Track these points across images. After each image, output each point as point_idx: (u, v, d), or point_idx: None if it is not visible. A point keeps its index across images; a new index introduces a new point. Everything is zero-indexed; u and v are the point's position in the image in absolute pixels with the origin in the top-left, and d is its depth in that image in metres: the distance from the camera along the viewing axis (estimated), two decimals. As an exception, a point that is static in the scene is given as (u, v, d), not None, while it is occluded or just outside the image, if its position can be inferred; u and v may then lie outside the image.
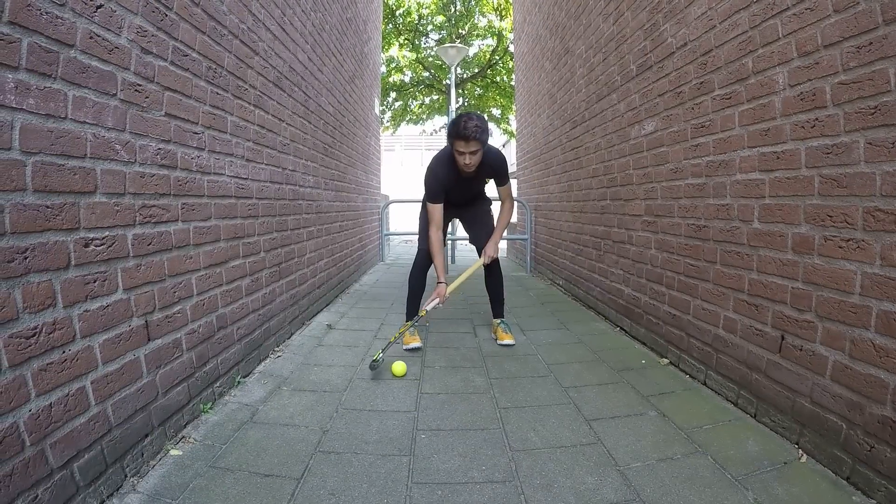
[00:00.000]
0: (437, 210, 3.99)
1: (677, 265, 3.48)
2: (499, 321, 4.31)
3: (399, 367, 3.32)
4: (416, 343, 3.93)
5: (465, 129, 3.59)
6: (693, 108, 3.26)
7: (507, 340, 4.07)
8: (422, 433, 2.54)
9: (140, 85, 2.20)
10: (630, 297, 4.31)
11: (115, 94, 2.03)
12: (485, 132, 3.65)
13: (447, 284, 4.01)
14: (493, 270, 4.37)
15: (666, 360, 3.58)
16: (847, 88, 2.07)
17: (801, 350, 2.33)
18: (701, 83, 3.16)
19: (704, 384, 3.10)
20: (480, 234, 4.35)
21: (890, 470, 1.85)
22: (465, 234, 4.61)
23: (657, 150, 3.79)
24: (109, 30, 2.00)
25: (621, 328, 4.48)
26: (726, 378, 2.89)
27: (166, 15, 2.40)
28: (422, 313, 3.89)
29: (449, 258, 8.32)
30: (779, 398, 2.47)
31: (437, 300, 3.90)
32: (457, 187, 4.03)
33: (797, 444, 2.33)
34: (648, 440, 2.44)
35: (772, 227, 2.53)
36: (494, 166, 4.01)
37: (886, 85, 1.89)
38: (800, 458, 2.24)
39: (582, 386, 3.14)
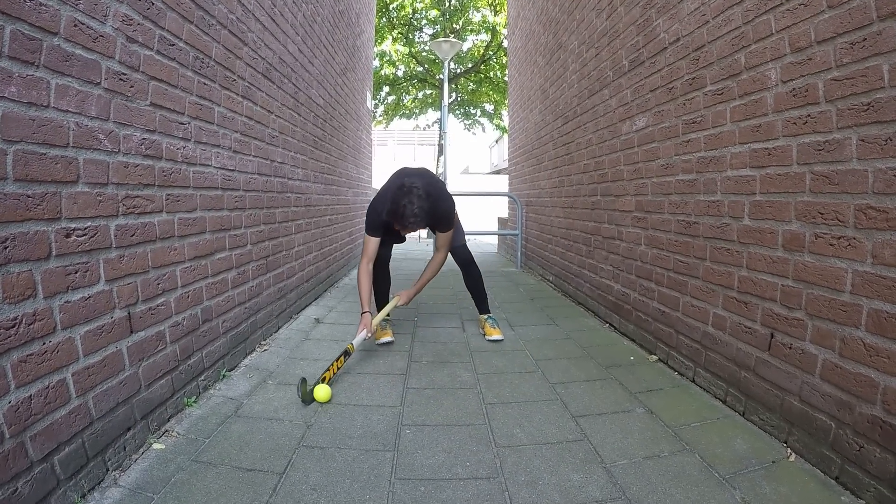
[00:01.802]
0: (371, 242, 3.72)
1: (667, 262, 3.47)
2: (486, 317, 4.23)
3: (323, 391, 2.82)
4: (388, 338, 3.93)
5: (403, 219, 3.32)
6: (685, 104, 3.25)
7: (496, 336, 4.02)
8: (406, 428, 2.53)
9: (125, 74, 2.16)
10: (619, 293, 4.30)
11: (99, 83, 2.00)
12: (427, 215, 3.38)
13: (373, 315, 3.66)
14: (469, 272, 4.29)
15: (655, 357, 3.57)
16: (840, 85, 2.06)
17: (790, 348, 2.32)
18: (693, 79, 3.15)
19: (693, 381, 3.10)
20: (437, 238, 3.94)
21: (879, 470, 1.84)
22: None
23: (648, 146, 3.78)
24: (94, 18, 1.96)
25: (610, 324, 4.48)
26: (715, 375, 2.89)
27: (153, 3, 2.36)
28: (349, 348, 3.26)
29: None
30: (768, 396, 2.46)
31: (364, 332, 3.44)
32: (394, 238, 3.91)
33: (786, 442, 2.32)
34: (635, 437, 2.43)
35: (762, 224, 2.52)
36: (437, 215, 3.65)
37: (880, 81, 1.88)
38: (788, 457, 2.23)
39: (569, 382, 3.13)
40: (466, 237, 4.38)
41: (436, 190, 3.65)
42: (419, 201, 3.29)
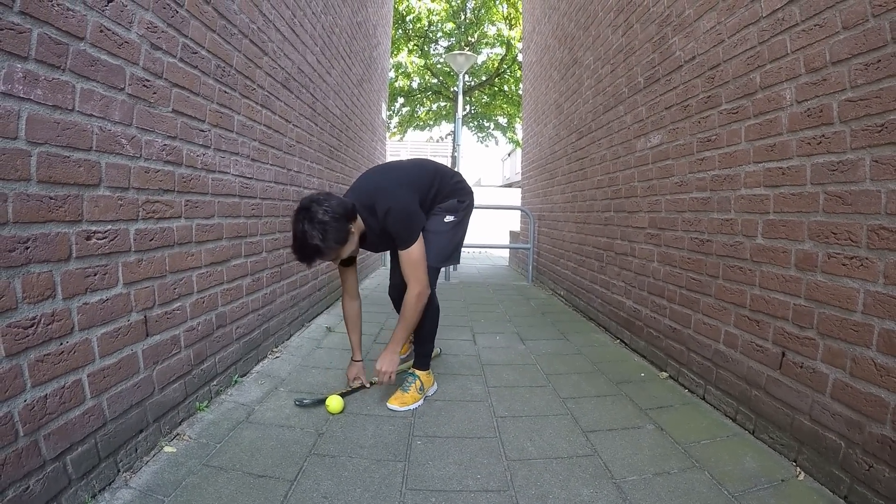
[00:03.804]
0: (344, 273, 3.08)
1: (679, 279, 3.47)
2: (412, 372, 3.10)
3: (335, 402, 2.79)
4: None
5: (300, 259, 2.63)
6: (699, 122, 3.26)
7: (394, 405, 2.89)
8: (418, 439, 2.53)
9: (148, 80, 2.20)
10: (631, 309, 4.29)
11: (122, 89, 2.04)
12: (328, 248, 2.55)
13: (362, 362, 3.15)
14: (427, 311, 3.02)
15: (665, 374, 3.56)
16: (854, 105, 2.07)
17: (801, 367, 2.32)
18: (708, 97, 3.16)
19: (703, 399, 3.09)
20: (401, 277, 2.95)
21: (888, 490, 1.83)
22: (469, 242, 4.28)
23: (662, 163, 3.79)
24: (120, 24, 2.00)
25: (621, 340, 4.47)
26: (725, 393, 2.88)
27: (177, 12, 2.40)
28: (345, 391, 2.99)
29: (451, 267, 8.32)
30: (778, 415, 2.45)
31: (359, 381, 3.08)
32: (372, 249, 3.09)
33: (795, 461, 2.31)
34: (645, 454, 2.42)
35: (775, 243, 2.52)
36: (389, 227, 2.77)
37: (894, 103, 1.88)
38: (797, 476, 2.22)
39: (580, 397, 3.13)
40: (478, 251, 4.05)
41: (369, 192, 2.81)
42: (301, 234, 2.54)
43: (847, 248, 2.09)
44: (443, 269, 2.97)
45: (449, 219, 3.02)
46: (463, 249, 3.61)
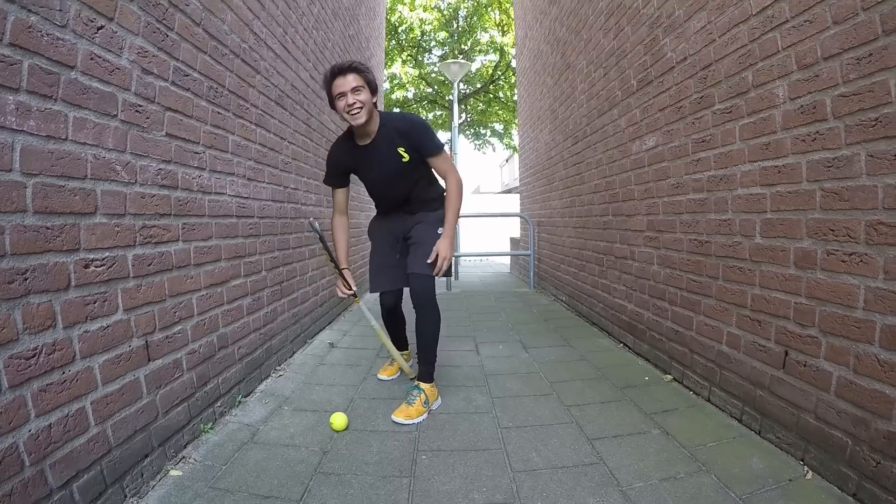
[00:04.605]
0: (337, 194, 3.28)
1: (680, 281, 3.46)
2: (416, 385, 3.14)
3: (339, 420, 2.78)
4: (389, 376, 3.64)
5: (338, 64, 2.86)
6: (694, 123, 3.26)
7: (399, 418, 2.89)
8: (423, 454, 2.52)
9: (141, 105, 2.21)
10: (633, 313, 4.29)
11: (115, 115, 2.04)
12: (368, 70, 2.89)
13: (349, 269, 3.32)
14: (424, 315, 3.15)
15: (669, 377, 3.55)
16: (847, 101, 2.07)
17: (804, 366, 2.31)
18: (701, 97, 3.16)
19: (708, 401, 3.08)
20: (413, 258, 3.16)
21: (897, 487, 1.82)
22: (469, 251, 4.34)
23: (658, 166, 3.79)
24: (110, 51, 2.01)
25: (624, 344, 4.46)
26: (730, 394, 2.87)
27: (167, 35, 2.41)
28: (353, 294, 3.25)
29: (452, 274, 8.30)
30: (783, 414, 2.44)
31: (350, 293, 3.25)
32: (365, 174, 3.24)
33: (802, 460, 2.30)
34: (651, 459, 2.41)
35: (774, 242, 2.52)
36: (402, 129, 3.01)
37: (887, 96, 1.89)
38: (805, 475, 2.21)
39: (584, 404, 3.12)
40: (479, 259, 4.23)
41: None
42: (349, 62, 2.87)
43: (846, 244, 2.08)
44: (443, 280, 3.12)
45: (441, 230, 3.15)
46: (464, 258, 3.81)
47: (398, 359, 3.47)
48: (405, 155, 3.02)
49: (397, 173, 3.09)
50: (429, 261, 3.04)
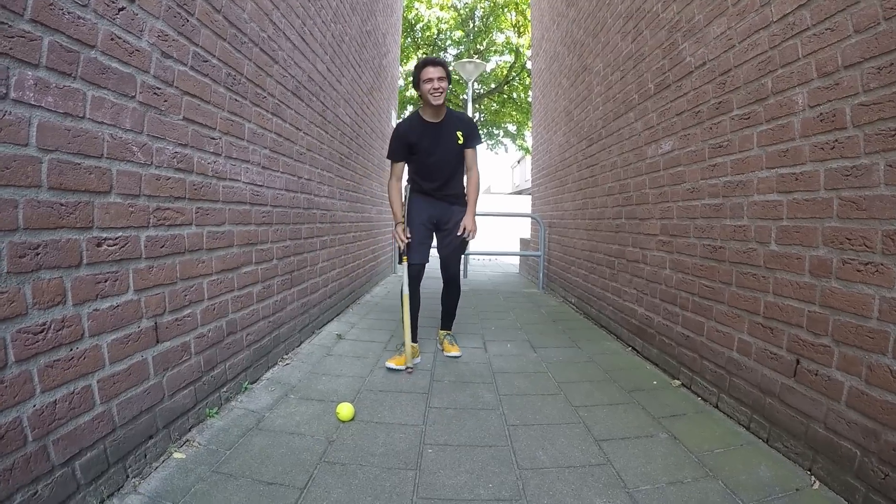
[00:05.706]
0: (396, 167, 3.98)
1: (692, 286, 3.44)
2: (445, 333, 4.39)
3: (345, 410, 2.81)
4: (398, 365, 3.73)
5: (431, 57, 3.80)
6: (711, 128, 3.24)
7: (454, 353, 4.12)
8: (429, 447, 2.52)
9: (159, 88, 2.22)
10: (643, 316, 4.26)
11: (133, 97, 2.05)
12: (449, 67, 3.83)
13: (403, 223, 3.97)
14: (450, 290, 4.28)
15: (678, 382, 3.53)
16: (867, 110, 2.05)
17: (816, 375, 2.29)
18: (719, 103, 3.14)
19: (717, 407, 3.05)
20: (448, 244, 4.11)
21: (906, 500, 1.80)
22: (479, 249, 4.52)
23: (674, 170, 3.77)
24: (131, 32, 2.02)
25: (633, 348, 4.44)
26: (739, 401, 2.84)
27: (188, 20, 2.42)
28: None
29: (462, 273, 8.30)
30: (792, 423, 2.42)
31: (408, 240, 3.90)
32: (426, 148, 3.89)
33: (810, 470, 2.28)
34: (658, 463, 2.40)
35: (789, 250, 2.50)
36: (463, 119, 4.03)
37: (909, 107, 1.86)
38: (812, 485, 2.19)
39: (592, 405, 3.10)
40: (489, 258, 4.49)
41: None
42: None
43: (862, 253, 2.06)
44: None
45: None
46: (473, 257, 4.33)
47: (408, 342, 3.74)
48: (461, 138, 3.92)
49: (451, 151, 3.92)
50: (458, 233, 3.94)
